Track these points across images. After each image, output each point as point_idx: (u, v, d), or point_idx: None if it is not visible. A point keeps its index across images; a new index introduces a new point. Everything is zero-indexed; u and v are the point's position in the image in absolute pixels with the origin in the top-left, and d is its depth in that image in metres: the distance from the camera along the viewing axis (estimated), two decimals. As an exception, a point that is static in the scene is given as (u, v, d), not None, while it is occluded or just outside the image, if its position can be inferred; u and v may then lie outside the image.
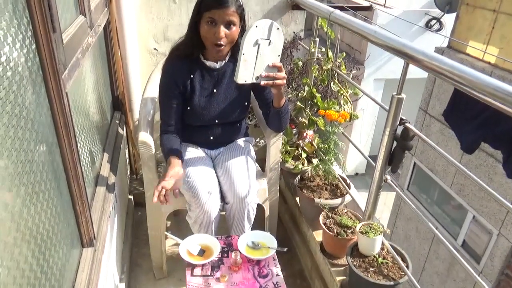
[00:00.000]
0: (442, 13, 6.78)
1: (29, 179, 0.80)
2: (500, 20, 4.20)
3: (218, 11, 1.42)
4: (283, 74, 1.44)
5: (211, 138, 1.69)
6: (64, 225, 1.04)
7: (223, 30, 1.44)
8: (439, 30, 7.02)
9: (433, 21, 7.16)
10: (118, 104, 2.14)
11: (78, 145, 1.18)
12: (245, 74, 1.39)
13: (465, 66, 1.00)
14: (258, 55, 1.38)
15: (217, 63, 1.58)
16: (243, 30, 1.51)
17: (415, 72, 1.43)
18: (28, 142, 0.80)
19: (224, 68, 1.60)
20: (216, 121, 1.64)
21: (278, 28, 1.38)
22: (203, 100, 1.60)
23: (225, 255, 1.48)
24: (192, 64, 1.57)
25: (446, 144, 4.68)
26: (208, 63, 1.58)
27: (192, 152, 1.68)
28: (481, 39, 4.45)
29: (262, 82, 1.42)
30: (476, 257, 4.44)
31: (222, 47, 1.48)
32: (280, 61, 1.42)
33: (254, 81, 1.42)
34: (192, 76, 1.57)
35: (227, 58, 1.60)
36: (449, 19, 6.45)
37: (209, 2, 1.43)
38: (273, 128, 1.72)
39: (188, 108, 1.60)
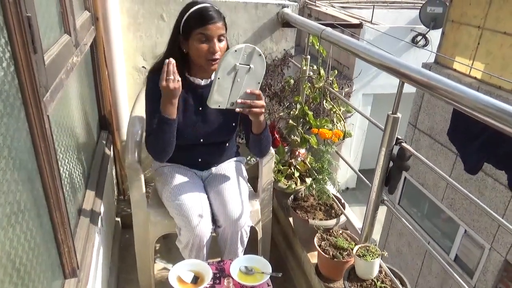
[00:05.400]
0: (428, 29, 6.95)
1: (4, 211, 0.74)
2: (485, 37, 4.29)
3: (210, 27, 1.39)
4: (261, 102, 1.38)
5: (199, 160, 1.64)
6: (45, 257, 0.97)
7: (217, 44, 1.41)
8: (425, 45, 7.17)
9: (419, 37, 7.32)
10: (105, 123, 2.07)
11: (61, 169, 1.12)
12: (219, 99, 1.31)
13: (461, 85, 0.97)
14: (235, 81, 1.30)
15: (202, 80, 1.54)
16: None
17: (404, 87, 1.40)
18: (3, 172, 0.74)
19: (209, 87, 1.54)
20: (201, 140, 1.58)
21: (260, 55, 1.29)
22: (187, 116, 1.54)
23: (217, 281, 1.41)
24: None
25: (435, 158, 4.70)
26: (192, 79, 1.53)
27: (182, 173, 1.62)
28: (467, 55, 4.53)
29: (237, 109, 1.35)
30: (469, 272, 4.41)
31: (217, 60, 1.43)
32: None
33: (229, 107, 1.34)
34: None
35: (212, 76, 1.55)
36: (434, 35, 6.60)
37: (198, 20, 1.40)
38: (254, 153, 1.66)
39: None
